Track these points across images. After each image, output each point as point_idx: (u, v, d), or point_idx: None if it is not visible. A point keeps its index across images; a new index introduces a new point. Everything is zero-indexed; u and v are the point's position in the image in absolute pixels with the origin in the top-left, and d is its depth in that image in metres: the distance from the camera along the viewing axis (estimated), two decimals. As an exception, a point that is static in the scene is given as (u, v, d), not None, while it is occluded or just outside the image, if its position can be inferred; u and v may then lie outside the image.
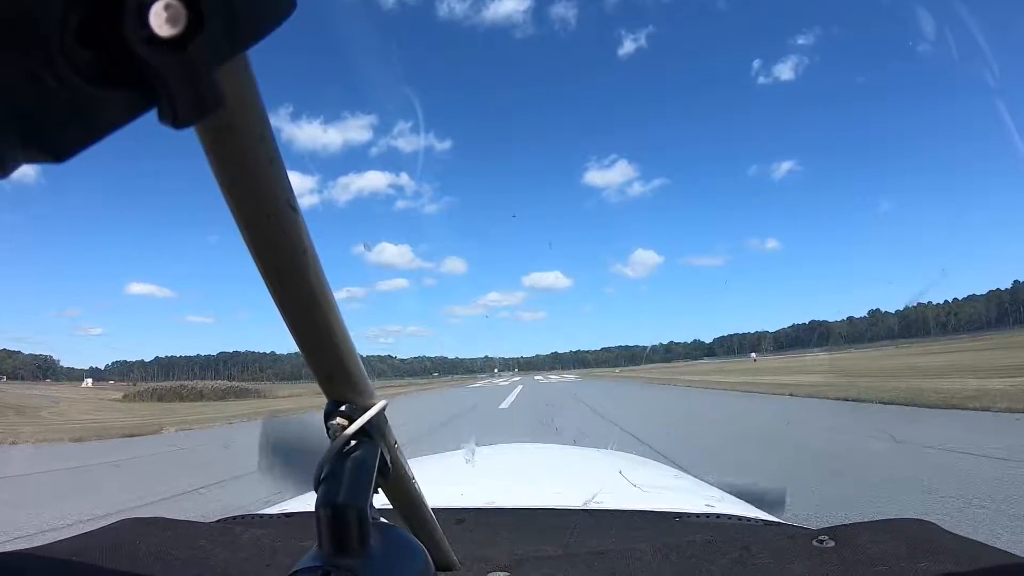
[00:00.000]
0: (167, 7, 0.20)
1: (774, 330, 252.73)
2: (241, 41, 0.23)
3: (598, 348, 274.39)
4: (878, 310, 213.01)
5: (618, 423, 11.31)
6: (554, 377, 65.11)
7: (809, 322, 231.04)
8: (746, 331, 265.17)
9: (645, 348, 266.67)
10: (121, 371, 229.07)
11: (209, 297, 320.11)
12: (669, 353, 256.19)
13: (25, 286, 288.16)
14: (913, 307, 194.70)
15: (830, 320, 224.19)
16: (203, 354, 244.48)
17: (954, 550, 0.61)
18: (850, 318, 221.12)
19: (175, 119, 0.22)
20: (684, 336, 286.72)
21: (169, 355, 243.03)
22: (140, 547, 0.71)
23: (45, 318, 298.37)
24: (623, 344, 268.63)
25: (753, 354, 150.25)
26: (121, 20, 0.20)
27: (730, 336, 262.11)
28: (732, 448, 7.67)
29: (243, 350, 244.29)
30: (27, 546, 0.68)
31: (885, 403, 11.36)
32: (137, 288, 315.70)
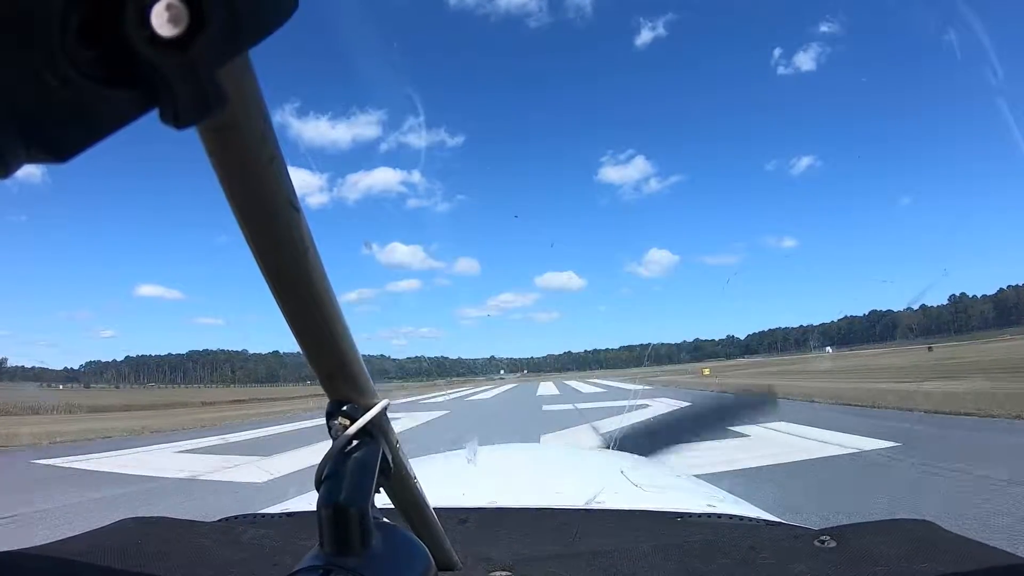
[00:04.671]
0: (169, 7, 0.20)
1: (818, 323, 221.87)
2: (243, 41, 0.23)
3: (617, 347, 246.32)
4: (963, 295, 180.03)
5: None
6: (585, 388, 31.07)
7: (869, 313, 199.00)
8: (787, 326, 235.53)
9: (671, 347, 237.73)
10: (95, 371, 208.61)
11: (218, 299, 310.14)
12: (699, 351, 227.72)
13: (34, 288, 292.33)
14: (1007, 289, 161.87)
15: (895, 310, 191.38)
16: (173, 353, 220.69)
17: (955, 551, 0.61)
18: (923, 306, 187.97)
19: (176, 119, 0.22)
20: (710, 333, 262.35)
21: (140, 354, 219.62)
22: (142, 547, 0.71)
23: (55, 320, 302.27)
24: (644, 342, 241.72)
25: (829, 348, 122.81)
26: (123, 20, 0.20)
27: (770, 331, 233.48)
28: None
29: (214, 348, 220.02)
30: (29, 545, 0.68)
31: None
32: (146, 290, 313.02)
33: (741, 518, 0.97)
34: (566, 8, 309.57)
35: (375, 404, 0.45)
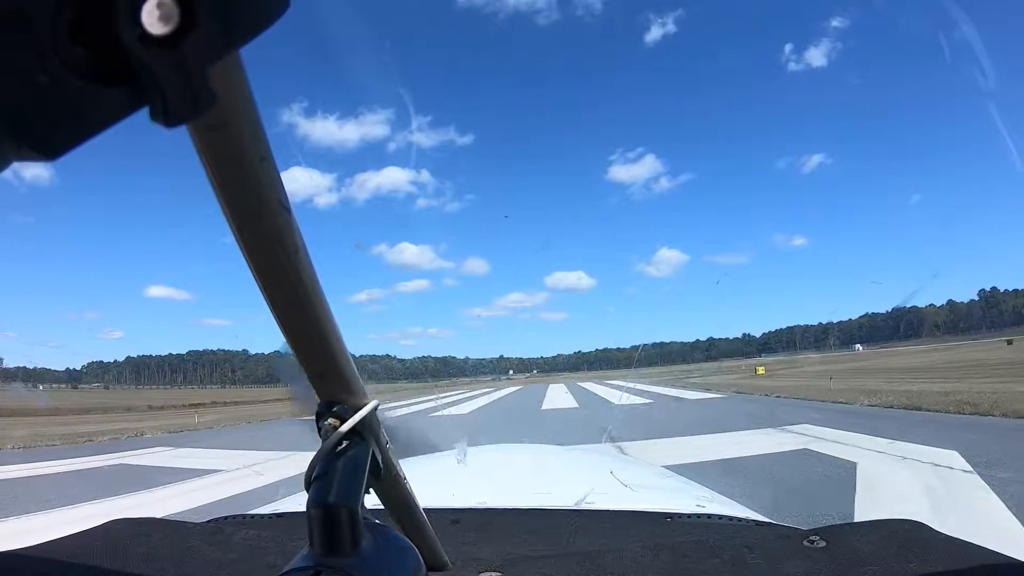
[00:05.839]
0: (160, 5, 0.20)
1: (838, 321, 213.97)
2: (234, 40, 0.23)
3: (628, 347, 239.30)
4: (994, 289, 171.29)
5: None
6: (613, 396, 21.19)
7: (891, 310, 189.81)
8: (805, 323, 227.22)
9: (683, 345, 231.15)
10: (97, 372, 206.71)
11: (226, 299, 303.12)
12: (713, 350, 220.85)
13: (43, 290, 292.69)
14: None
15: (921, 306, 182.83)
16: (174, 353, 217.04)
17: (944, 550, 0.62)
18: (950, 302, 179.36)
19: (167, 117, 0.22)
20: (724, 332, 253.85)
21: (140, 355, 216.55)
22: (131, 548, 0.71)
23: (65, 321, 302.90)
24: (655, 342, 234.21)
25: (858, 346, 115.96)
26: (114, 18, 0.20)
27: (788, 329, 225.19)
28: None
29: (214, 348, 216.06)
30: (18, 546, 0.68)
31: None
32: (155, 291, 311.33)
33: (731, 518, 0.98)
34: (575, 5, 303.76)
35: (365, 404, 0.45)
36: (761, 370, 34.51)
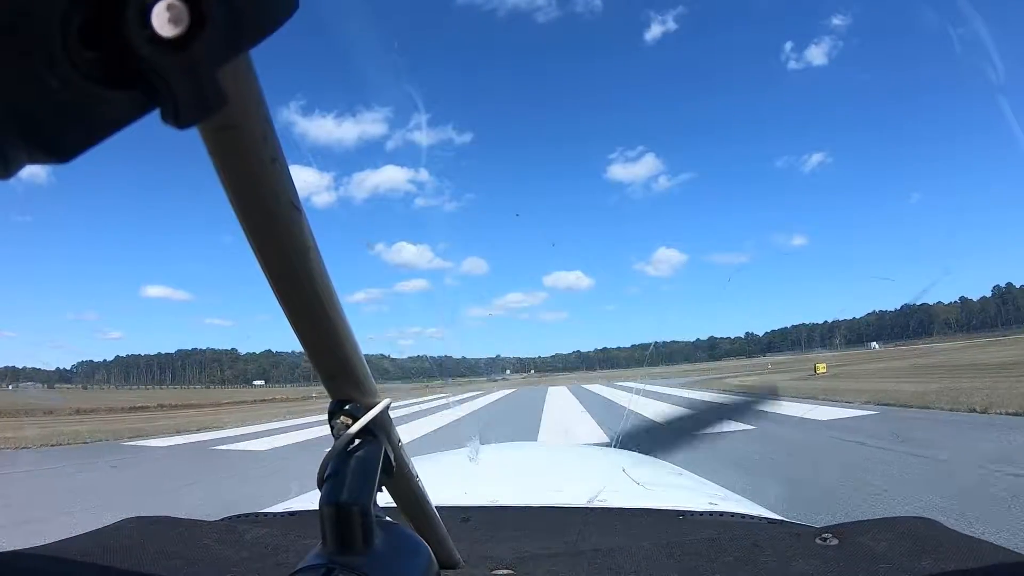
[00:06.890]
0: (169, 7, 0.20)
1: (844, 319, 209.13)
2: (243, 41, 0.23)
3: (628, 346, 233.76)
4: (1010, 285, 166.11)
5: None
6: (656, 406, 11.39)
7: (901, 307, 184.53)
8: (811, 322, 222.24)
9: (685, 344, 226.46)
10: (87, 371, 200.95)
11: (227, 299, 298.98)
12: (715, 349, 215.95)
13: (40, 290, 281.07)
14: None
15: (931, 303, 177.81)
16: (163, 352, 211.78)
17: (957, 548, 0.62)
18: (963, 299, 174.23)
19: (177, 119, 0.22)
20: (726, 331, 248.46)
21: (129, 354, 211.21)
22: (144, 546, 0.71)
23: (63, 321, 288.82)
24: (656, 340, 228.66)
25: (874, 343, 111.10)
26: (123, 20, 0.20)
27: (793, 328, 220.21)
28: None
29: (204, 347, 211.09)
30: (31, 545, 0.68)
31: None
32: (154, 291, 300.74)
33: (743, 516, 0.98)
34: (574, 2, 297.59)
35: (377, 403, 0.46)
36: (822, 367, 27.45)
